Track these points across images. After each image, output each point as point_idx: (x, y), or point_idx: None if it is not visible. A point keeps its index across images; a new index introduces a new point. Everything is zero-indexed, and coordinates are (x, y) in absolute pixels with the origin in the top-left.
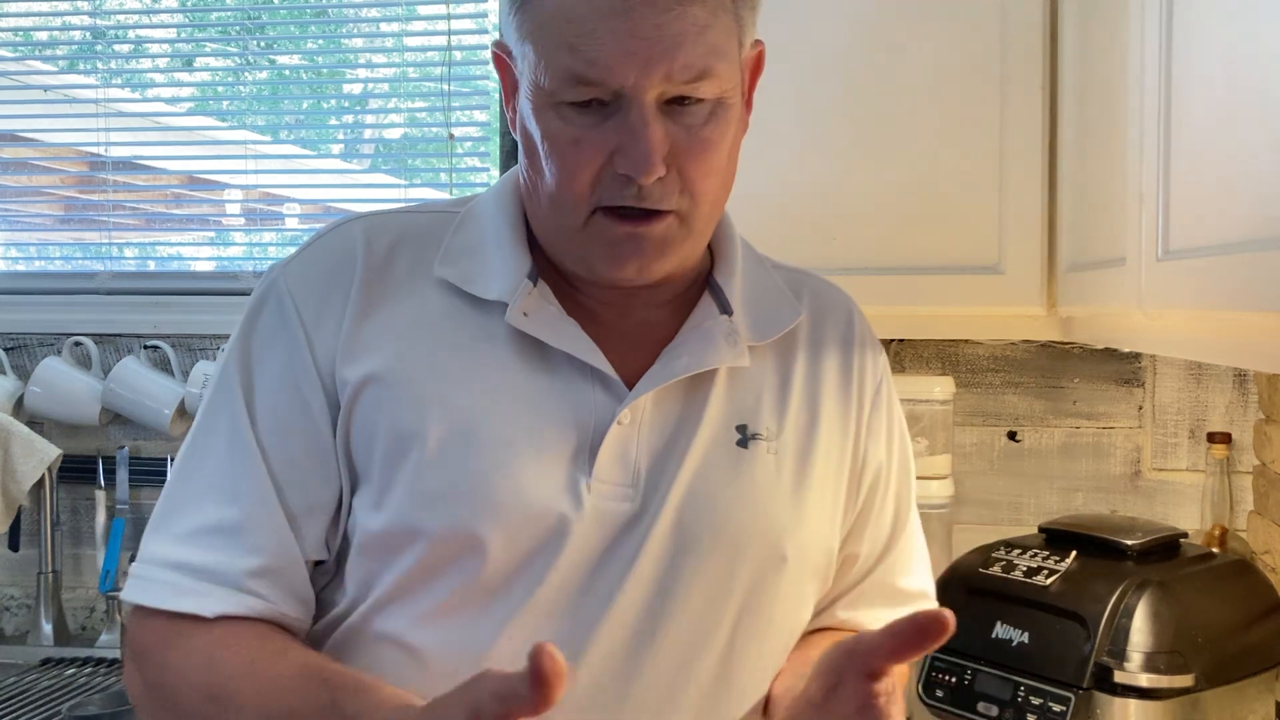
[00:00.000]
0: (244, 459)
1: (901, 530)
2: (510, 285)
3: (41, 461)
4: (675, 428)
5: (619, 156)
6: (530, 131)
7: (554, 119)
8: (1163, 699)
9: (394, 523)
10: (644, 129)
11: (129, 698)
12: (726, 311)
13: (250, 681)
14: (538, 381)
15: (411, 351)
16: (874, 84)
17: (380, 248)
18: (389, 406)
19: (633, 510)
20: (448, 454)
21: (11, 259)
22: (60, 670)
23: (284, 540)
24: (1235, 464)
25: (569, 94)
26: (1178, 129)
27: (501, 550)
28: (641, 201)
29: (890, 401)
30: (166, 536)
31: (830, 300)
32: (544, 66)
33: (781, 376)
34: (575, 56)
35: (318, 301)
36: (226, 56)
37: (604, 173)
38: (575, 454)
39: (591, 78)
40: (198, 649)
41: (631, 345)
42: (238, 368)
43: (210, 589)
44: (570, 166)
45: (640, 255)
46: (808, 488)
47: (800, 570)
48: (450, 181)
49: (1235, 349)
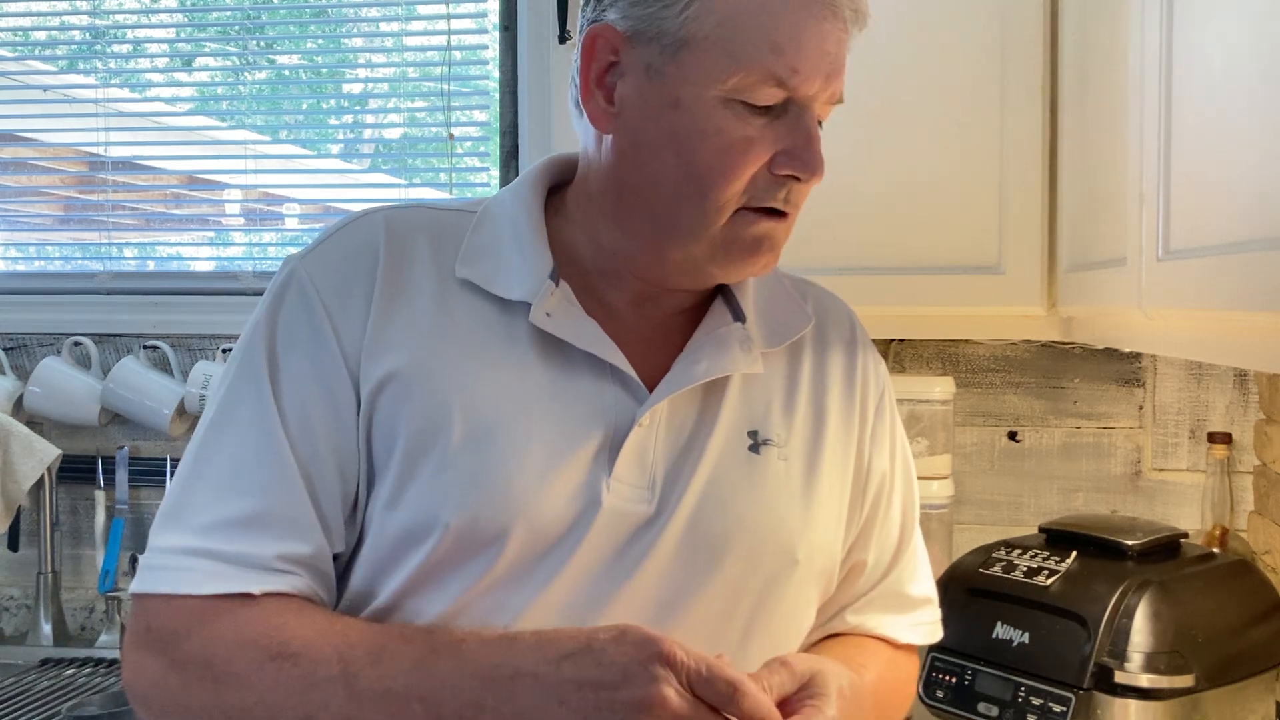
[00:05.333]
0: (270, 450)
1: (909, 540)
2: (533, 285)
3: (41, 461)
4: (691, 432)
5: (785, 158)
6: (676, 124)
7: (727, 116)
8: (1163, 699)
9: (413, 517)
10: (816, 135)
11: (133, 692)
12: (740, 318)
13: (322, 635)
14: (560, 381)
15: (435, 349)
16: (874, 84)
17: (402, 242)
18: (412, 403)
19: (648, 512)
20: (470, 450)
21: (11, 259)
22: (60, 670)
23: (312, 531)
24: (1236, 464)
25: (756, 94)
26: (1178, 129)
27: (519, 546)
28: (785, 204)
29: (893, 411)
30: (186, 528)
31: (833, 309)
32: (731, 58)
33: (789, 383)
34: (779, 59)
35: (342, 294)
36: (226, 56)
37: (760, 173)
38: (596, 453)
39: (791, 83)
40: (251, 619)
41: (649, 347)
42: (263, 358)
43: (245, 573)
44: (738, 164)
45: (772, 251)
46: (815, 492)
47: (808, 573)
48: (450, 181)
49: (1235, 349)
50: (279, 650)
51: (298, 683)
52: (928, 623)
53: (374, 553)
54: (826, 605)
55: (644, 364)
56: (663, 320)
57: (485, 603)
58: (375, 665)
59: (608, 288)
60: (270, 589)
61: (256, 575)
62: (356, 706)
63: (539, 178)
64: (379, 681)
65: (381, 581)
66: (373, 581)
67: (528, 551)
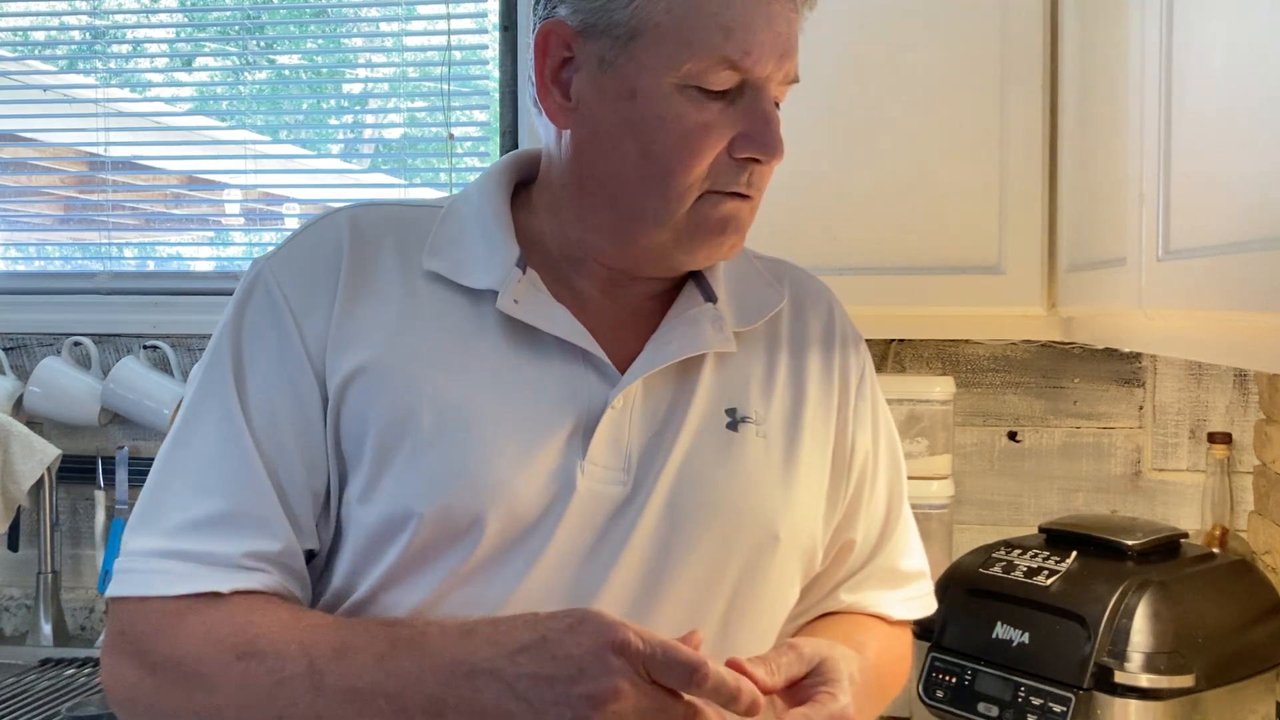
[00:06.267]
0: (236, 451)
1: (897, 517)
2: (500, 274)
3: (41, 462)
4: (666, 412)
5: (743, 141)
6: (632, 114)
7: (683, 102)
8: (1163, 699)
9: (388, 509)
10: (774, 115)
11: (112, 696)
12: (711, 299)
13: (288, 632)
14: (530, 367)
15: (402, 341)
16: (874, 84)
17: (366, 238)
18: (381, 396)
19: (624, 494)
20: (442, 438)
21: (11, 259)
22: (60, 670)
23: (280, 529)
24: (1235, 464)
25: (711, 79)
26: (1178, 129)
27: (496, 533)
28: (748, 187)
29: (874, 392)
30: (155, 531)
31: (811, 289)
32: (684, 45)
33: (767, 361)
34: (731, 42)
35: (306, 291)
36: (226, 56)
37: (720, 157)
38: (569, 437)
39: (743, 65)
40: (219, 619)
41: (620, 332)
42: (228, 359)
43: (212, 571)
44: (697, 150)
45: (737, 233)
46: (795, 470)
47: (791, 551)
48: (450, 181)
49: (1235, 349)
50: (246, 649)
51: (265, 680)
52: (920, 596)
53: (352, 548)
54: (819, 584)
55: (616, 349)
56: (634, 305)
57: (466, 592)
58: (340, 661)
59: (576, 276)
60: (238, 587)
61: (224, 574)
62: (324, 704)
63: (504, 172)
64: (343, 679)
65: (361, 576)
66: (352, 577)
67: (505, 539)
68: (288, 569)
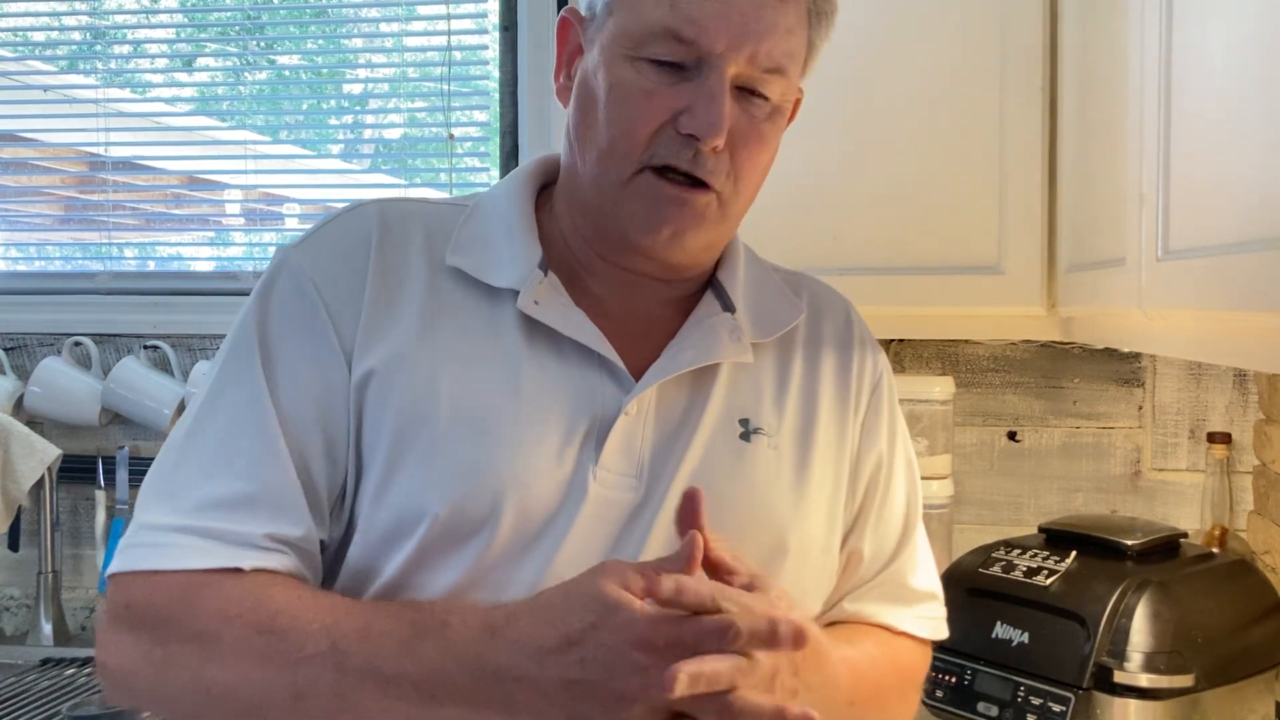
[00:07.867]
0: (262, 436)
1: (911, 534)
2: (522, 274)
3: (41, 461)
4: (679, 420)
5: (687, 117)
6: (594, 85)
7: (629, 70)
8: (1163, 699)
9: (400, 507)
10: (720, 94)
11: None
12: (729, 309)
13: (309, 611)
14: (547, 369)
15: (423, 338)
16: (874, 84)
17: (394, 233)
18: (399, 391)
19: (636, 500)
20: (457, 437)
21: (11, 259)
22: (60, 670)
23: (301, 515)
24: (1235, 464)
25: (656, 48)
26: (1178, 129)
27: (507, 535)
28: (694, 168)
29: (890, 402)
30: (173, 508)
31: (828, 301)
32: (635, 16)
33: (780, 374)
34: (674, 12)
35: (337, 284)
36: (226, 57)
37: (665, 131)
38: (583, 441)
39: (685, 35)
40: (238, 593)
41: (637, 338)
42: (255, 346)
43: (235, 549)
44: (634, 116)
45: (678, 221)
46: (807, 482)
47: (802, 563)
48: (450, 181)
49: (1235, 349)
50: (267, 625)
51: (286, 657)
52: (930, 617)
53: (362, 546)
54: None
55: (632, 355)
56: (651, 313)
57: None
58: (363, 643)
59: (593, 280)
60: (260, 565)
61: (246, 552)
62: (346, 684)
63: (530, 175)
64: (367, 661)
65: (368, 576)
66: (357, 576)
67: (516, 540)
68: (306, 555)
